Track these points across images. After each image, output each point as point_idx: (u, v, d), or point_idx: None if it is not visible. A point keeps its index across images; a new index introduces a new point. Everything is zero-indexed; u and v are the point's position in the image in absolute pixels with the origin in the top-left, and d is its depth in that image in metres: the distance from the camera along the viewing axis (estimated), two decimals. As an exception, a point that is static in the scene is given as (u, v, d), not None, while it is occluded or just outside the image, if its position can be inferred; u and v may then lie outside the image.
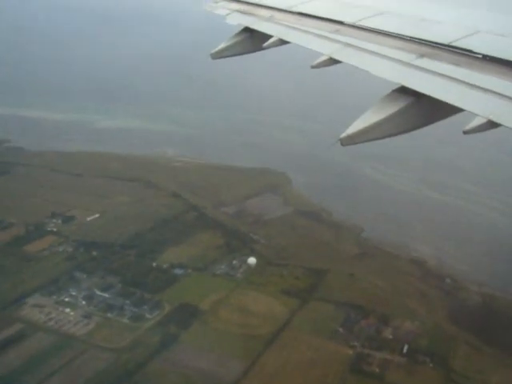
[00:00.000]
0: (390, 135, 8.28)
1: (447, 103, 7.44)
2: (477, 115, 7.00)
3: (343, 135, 7.90)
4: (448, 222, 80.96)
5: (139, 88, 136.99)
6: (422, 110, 8.14)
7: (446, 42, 8.94)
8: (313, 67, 10.12)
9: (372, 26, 10.50)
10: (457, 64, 8.21)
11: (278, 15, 12.99)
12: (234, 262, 65.32)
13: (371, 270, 66.29)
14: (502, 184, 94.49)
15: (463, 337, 57.07)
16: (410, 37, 9.54)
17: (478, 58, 8.28)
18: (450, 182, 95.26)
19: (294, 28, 11.91)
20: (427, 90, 7.81)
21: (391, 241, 73.95)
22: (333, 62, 9.93)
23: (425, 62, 8.52)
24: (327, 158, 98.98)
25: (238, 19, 13.88)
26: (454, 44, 8.80)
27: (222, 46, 13.48)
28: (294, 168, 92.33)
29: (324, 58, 9.99)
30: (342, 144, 7.95)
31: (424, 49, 8.99)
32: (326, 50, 10.19)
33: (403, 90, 8.20)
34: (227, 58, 13.78)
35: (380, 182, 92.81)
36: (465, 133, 7.12)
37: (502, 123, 6.74)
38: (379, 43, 9.73)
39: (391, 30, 10.04)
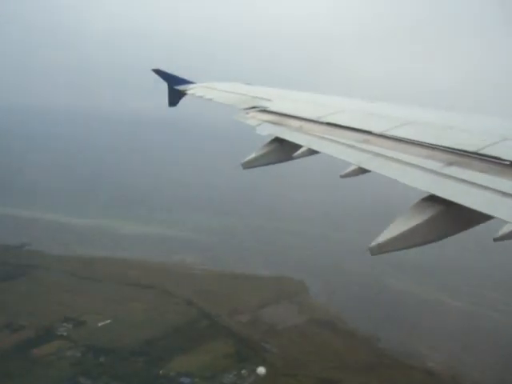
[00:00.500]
0: (419, 244, 8.32)
1: (477, 211, 7.43)
2: (507, 222, 6.96)
3: (373, 244, 7.94)
4: (468, 331, 77.94)
5: (164, 195, 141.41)
6: (451, 218, 8.17)
7: (473, 149, 9.08)
8: (342, 177, 10.27)
9: (400, 136, 10.73)
10: (485, 171, 8.29)
11: (307, 126, 13.41)
12: (243, 371, 63.48)
13: (385, 381, 63.49)
14: None
15: None
16: (438, 145, 9.72)
17: (506, 164, 8.34)
18: (474, 290, 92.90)
19: (323, 138, 12.20)
20: (456, 198, 7.84)
21: (408, 351, 71.19)
22: (362, 171, 10.12)
23: (453, 170, 8.62)
24: (348, 266, 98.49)
25: (269, 129, 14.26)
26: (481, 152, 8.92)
27: (252, 155, 13.85)
28: (313, 277, 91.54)
29: (353, 167, 10.19)
30: (372, 253, 7.95)
31: (452, 157, 9.14)
32: (355, 159, 10.40)
33: (432, 199, 8.26)
34: (259, 168, 14.05)
35: (402, 290, 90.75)
36: (495, 240, 7.06)
37: None
38: (407, 152, 9.93)
39: (419, 139, 10.28)
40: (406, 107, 14.32)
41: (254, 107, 16.81)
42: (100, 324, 72.25)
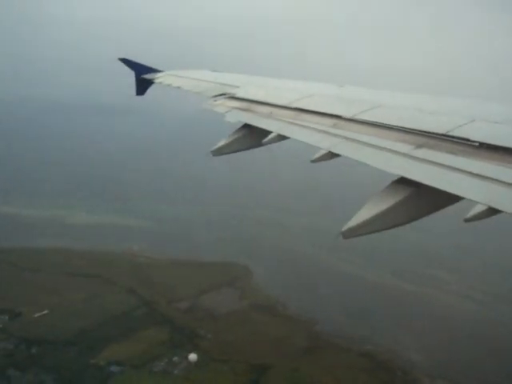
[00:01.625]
0: (391, 227, 8.35)
1: (447, 192, 7.53)
2: (477, 203, 7.01)
3: (344, 228, 7.99)
4: (412, 314, 78.82)
5: (125, 184, 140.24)
6: (422, 200, 8.23)
7: (442, 131, 9.09)
8: (312, 161, 10.35)
9: (369, 119, 10.78)
10: (454, 153, 8.36)
11: (277, 111, 13.41)
12: (175, 358, 63.54)
13: (318, 365, 63.99)
14: (483, 272, 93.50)
15: None
16: (408, 128, 9.73)
17: (474, 145, 8.39)
18: (424, 271, 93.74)
19: (293, 123, 12.22)
20: (426, 180, 7.92)
21: (347, 334, 71.82)
22: (332, 155, 10.16)
23: (423, 153, 8.68)
24: (300, 252, 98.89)
25: (238, 116, 14.25)
26: (450, 133, 8.94)
27: (222, 143, 13.89)
28: (260, 262, 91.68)
29: (323, 152, 10.21)
30: (344, 237, 8.09)
31: (421, 139, 9.13)
32: (325, 144, 10.42)
33: (403, 181, 8.36)
34: (229, 155, 14.13)
35: (353, 274, 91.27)
36: (466, 221, 7.11)
37: (501, 209, 6.80)
38: (377, 136, 9.93)
39: (388, 123, 10.29)
40: (375, 91, 14.33)
41: (222, 94, 16.76)
42: (36, 315, 71.65)
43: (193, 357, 63.22)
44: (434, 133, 9.20)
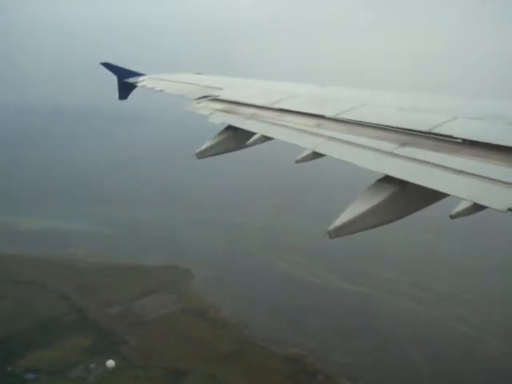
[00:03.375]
0: (377, 225, 8.41)
1: (432, 189, 7.62)
2: (462, 199, 7.09)
3: (331, 228, 8.02)
4: (349, 314, 78.22)
5: (93, 188, 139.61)
6: (407, 197, 8.29)
7: (426, 129, 9.19)
8: (297, 162, 10.39)
9: (353, 118, 10.81)
10: (438, 150, 8.43)
11: (260, 112, 13.42)
12: (92, 364, 62.88)
13: (237, 370, 63.46)
14: (430, 271, 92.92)
15: None
16: (391, 126, 9.77)
17: (458, 142, 8.49)
18: (370, 271, 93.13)
19: (277, 124, 12.25)
20: (411, 177, 8.01)
21: (276, 337, 71.23)
22: (316, 155, 10.19)
23: (407, 151, 8.73)
24: (248, 254, 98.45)
25: (221, 118, 14.31)
26: (434, 131, 9.06)
27: (206, 144, 13.88)
28: (203, 266, 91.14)
29: (307, 152, 10.27)
30: (330, 237, 8.03)
31: (405, 137, 9.20)
32: (309, 144, 10.45)
33: (388, 180, 8.41)
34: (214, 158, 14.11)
35: (289, 274, 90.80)
36: (452, 217, 7.12)
37: (486, 205, 6.83)
38: (361, 134, 9.97)
39: (372, 121, 10.32)
40: (357, 90, 14.32)
41: (205, 96, 16.76)
42: (-40, 323, 71.23)
43: (110, 363, 62.74)
44: (417, 130, 9.28)
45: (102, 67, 25.47)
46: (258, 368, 64.49)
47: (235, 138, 13.73)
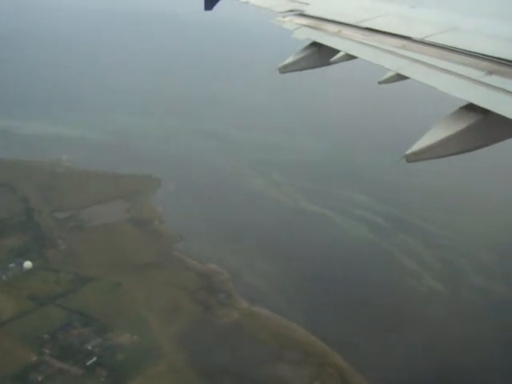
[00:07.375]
0: (455, 153, 8.40)
1: None
2: None
3: (408, 152, 8.03)
4: (294, 236, 75.57)
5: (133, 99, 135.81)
6: (489, 127, 8.17)
7: None
8: (380, 83, 10.42)
9: (440, 42, 10.63)
10: None
11: (345, 30, 13.34)
12: (12, 265, 65.43)
13: (145, 281, 63.96)
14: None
15: (172, 356, 53.59)
16: (480, 53, 9.59)
17: None
18: (340, 193, 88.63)
19: (362, 43, 12.19)
20: (495, 107, 7.81)
21: (203, 253, 70.39)
22: (400, 77, 10.17)
23: (494, 80, 8.46)
24: (221, 167, 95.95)
25: (306, 34, 14.24)
26: None
27: (289, 60, 13.86)
28: (176, 176, 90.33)
29: (391, 73, 10.32)
30: (408, 161, 8.08)
31: (493, 66, 8.95)
32: (394, 65, 10.38)
33: (471, 108, 8.33)
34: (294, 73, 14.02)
35: (258, 192, 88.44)
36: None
37: None
38: (447, 59, 9.80)
39: (460, 47, 10.09)
40: (449, 13, 13.74)
41: (291, 10, 16.55)
42: None
43: (27, 264, 65.20)
44: (506, 59, 8.88)
45: None
46: (167, 281, 64.59)
47: (319, 54, 13.44)
